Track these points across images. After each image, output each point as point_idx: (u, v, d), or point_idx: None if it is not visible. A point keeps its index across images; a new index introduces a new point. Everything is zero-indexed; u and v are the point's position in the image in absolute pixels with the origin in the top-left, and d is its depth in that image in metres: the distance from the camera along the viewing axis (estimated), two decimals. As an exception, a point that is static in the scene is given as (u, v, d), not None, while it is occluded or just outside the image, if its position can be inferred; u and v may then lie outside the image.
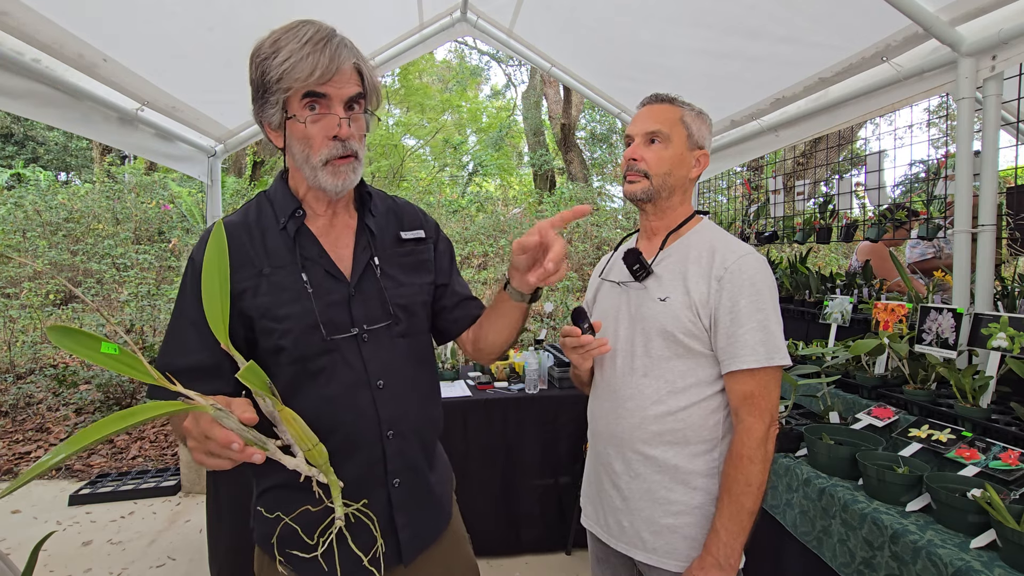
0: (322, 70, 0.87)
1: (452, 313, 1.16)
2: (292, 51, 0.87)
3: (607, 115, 10.90)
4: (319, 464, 0.76)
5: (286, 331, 0.93)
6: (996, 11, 1.75)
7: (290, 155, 0.97)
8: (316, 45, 0.87)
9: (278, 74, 0.87)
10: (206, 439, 0.69)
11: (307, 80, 0.87)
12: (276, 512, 0.96)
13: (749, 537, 1.09)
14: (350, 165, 0.95)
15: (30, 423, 4.53)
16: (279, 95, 0.90)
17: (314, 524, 0.87)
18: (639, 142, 1.24)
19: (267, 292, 0.94)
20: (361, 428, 0.97)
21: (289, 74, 0.87)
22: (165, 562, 2.75)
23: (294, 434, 0.74)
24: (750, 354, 1.09)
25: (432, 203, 8.51)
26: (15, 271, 5.96)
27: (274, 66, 0.88)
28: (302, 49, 0.87)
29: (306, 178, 0.96)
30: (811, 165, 6.96)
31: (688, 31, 2.59)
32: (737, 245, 1.18)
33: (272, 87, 0.89)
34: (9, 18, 1.75)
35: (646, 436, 1.19)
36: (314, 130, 0.91)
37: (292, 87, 0.88)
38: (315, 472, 0.75)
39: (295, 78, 0.87)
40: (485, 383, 2.82)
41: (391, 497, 1.00)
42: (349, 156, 0.94)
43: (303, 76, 0.87)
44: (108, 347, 0.62)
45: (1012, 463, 1.27)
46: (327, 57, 0.87)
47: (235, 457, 0.68)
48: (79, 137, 10.80)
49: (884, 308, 2.00)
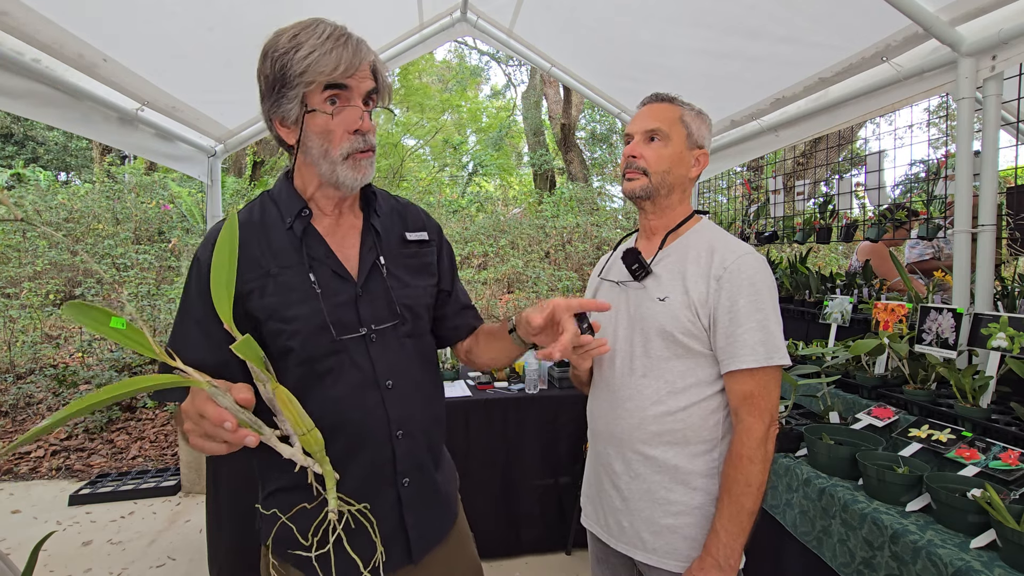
0: (347, 64, 0.89)
1: (452, 321, 1.18)
2: (315, 46, 0.88)
3: (607, 115, 10.90)
4: (314, 451, 0.74)
5: (295, 332, 0.93)
6: (996, 11, 1.76)
7: (303, 152, 0.97)
8: (338, 40, 0.89)
9: (302, 68, 0.88)
10: (200, 418, 0.69)
11: (332, 73, 0.88)
12: (281, 512, 0.96)
13: (749, 537, 1.09)
14: (369, 159, 0.97)
15: (30, 423, 4.53)
16: (300, 88, 0.90)
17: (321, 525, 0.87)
18: (638, 140, 1.24)
19: (274, 293, 0.94)
20: (370, 428, 0.97)
21: (314, 68, 0.88)
22: (165, 562, 2.75)
23: (288, 415, 0.73)
24: (749, 354, 1.09)
25: (432, 203, 8.51)
26: (15, 271, 5.96)
27: (296, 60, 0.88)
28: (324, 44, 0.88)
29: (321, 174, 0.96)
30: (811, 165, 6.96)
31: (688, 31, 2.59)
32: (736, 245, 1.17)
33: (293, 81, 0.89)
34: (9, 18, 1.75)
35: (645, 436, 1.18)
36: (336, 123, 0.92)
37: (315, 80, 0.89)
38: (310, 462, 0.74)
39: (319, 71, 0.88)
40: (485, 383, 2.82)
41: (401, 496, 1.01)
42: (369, 150, 0.96)
43: (328, 70, 0.88)
44: (116, 322, 0.65)
45: (1012, 463, 1.27)
46: (350, 52, 0.89)
47: (228, 438, 0.68)
48: (79, 137, 10.80)
49: (884, 308, 2.00)
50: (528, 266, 7.19)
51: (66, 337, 5.61)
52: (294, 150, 0.98)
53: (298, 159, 0.99)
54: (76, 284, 6.08)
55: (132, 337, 0.66)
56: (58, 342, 5.39)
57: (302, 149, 0.96)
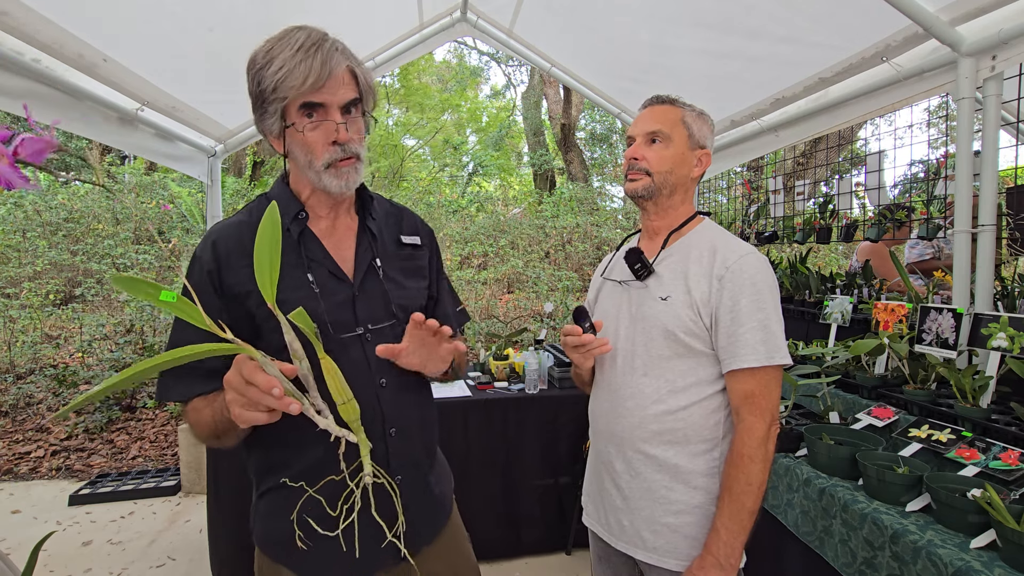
0: (315, 76, 0.88)
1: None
2: (284, 60, 0.88)
3: (607, 115, 10.90)
4: (350, 421, 0.79)
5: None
6: (996, 11, 1.76)
7: (292, 160, 0.99)
8: (308, 51, 0.88)
9: (273, 84, 0.89)
10: (247, 385, 0.72)
11: (302, 88, 0.88)
12: (276, 511, 0.96)
13: (750, 536, 1.09)
14: (352, 167, 0.97)
15: (30, 423, 4.53)
16: (276, 104, 0.91)
17: (316, 522, 0.88)
18: (640, 142, 1.25)
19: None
20: (365, 426, 0.98)
21: (284, 83, 0.88)
22: (165, 562, 2.75)
23: (332, 385, 0.78)
24: (751, 353, 1.09)
25: (432, 203, 8.50)
26: (15, 271, 5.96)
27: (268, 76, 0.89)
28: (294, 57, 0.88)
29: (311, 181, 0.98)
30: (811, 165, 6.97)
31: (688, 31, 2.59)
32: (738, 245, 1.18)
33: (269, 97, 0.91)
34: (9, 18, 1.75)
35: (646, 435, 1.19)
36: (313, 137, 0.93)
37: (288, 96, 0.90)
38: (345, 433, 0.77)
39: (289, 87, 0.88)
40: (485, 383, 2.82)
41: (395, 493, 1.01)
42: (351, 158, 0.96)
43: (297, 84, 0.88)
44: (167, 295, 0.68)
45: (1012, 463, 1.27)
46: (319, 62, 0.88)
47: (274, 404, 0.71)
48: (79, 137, 10.79)
49: (884, 308, 2.00)
50: (528, 266, 7.19)
51: (66, 337, 5.61)
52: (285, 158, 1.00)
53: (291, 165, 1.02)
54: (76, 284, 6.08)
55: (184, 309, 0.70)
56: (58, 342, 5.39)
57: (290, 157, 0.99)
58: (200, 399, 0.93)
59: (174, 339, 0.94)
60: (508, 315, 6.43)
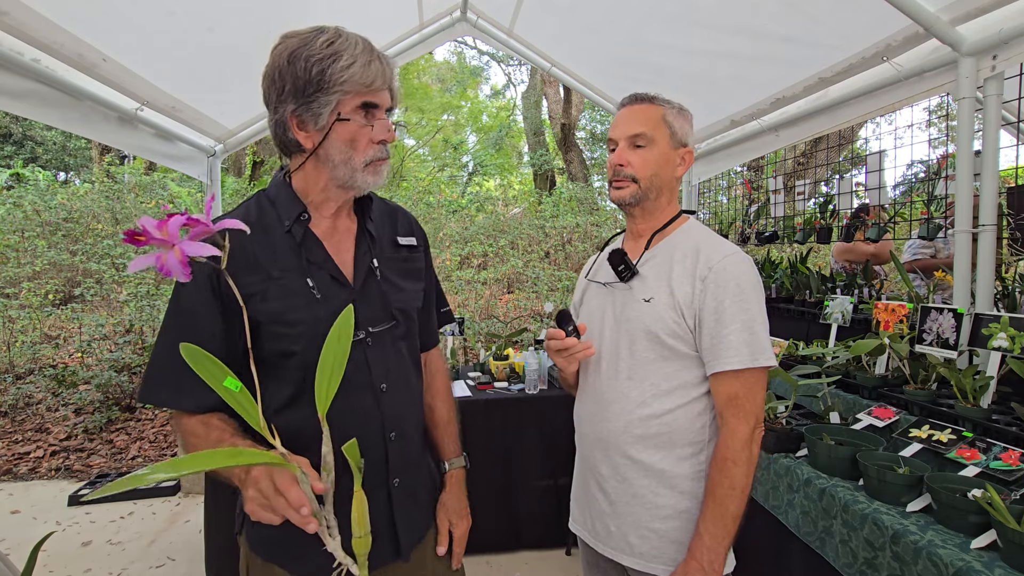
0: (382, 78, 0.94)
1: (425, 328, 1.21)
2: (354, 56, 0.91)
3: (607, 115, 10.87)
4: (359, 554, 0.77)
5: (298, 336, 0.94)
6: (996, 11, 1.75)
7: (319, 156, 0.96)
8: (373, 53, 0.93)
9: (343, 77, 0.90)
10: (276, 494, 0.72)
11: (370, 86, 0.93)
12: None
13: (750, 537, 1.09)
14: (387, 165, 1.02)
15: (29, 423, 4.53)
16: (336, 96, 0.91)
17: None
18: (623, 146, 1.21)
19: (276, 297, 0.94)
20: (365, 430, 0.98)
21: (354, 79, 0.91)
22: (164, 562, 2.75)
23: (356, 517, 0.76)
24: (734, 355, 1.08)
25: (432, 203, 8.49)
26: (14, 271, 5.95)
27: (338, 69, 0.90)
28: (363, 56, 0.92)
29: (335, 177, 0.97)
30: (811, 165, 6.97)
31: (688, 31, 2.59)
32: (722, 245, 1.16)
33: (331, 88, 0.91)
34: (9, 18, 1.74)
35: (632, 439, 1.17)
36: (365, 133, 0.95)
37: (351, 91, 0.92)
38: (349, 561, 0.74)
39: (359, 82, 0.91)
40: (485, 383, 2.82)
41: (391, 495, 1.02)
42: (385, 159, 1.00)
43: (367, 81, 0.92)
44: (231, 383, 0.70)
45: (1013, 463, 1.27)
46: (385, 67, 0.95)
47: (295, 519, 0.71)
48: (78, 137, 10.79)
49: (884, 308, 2.00)
50: (528, 266, 7.18)
51: (65, 337, 5.61)
52: (305, 153, 0.97)
53: (307, 162, 0.98)
54: (75, 284, 6.07)
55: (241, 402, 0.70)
56: (57, 342, 5.39)
57: (318, 153, 0.96)
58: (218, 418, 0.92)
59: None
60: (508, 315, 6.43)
